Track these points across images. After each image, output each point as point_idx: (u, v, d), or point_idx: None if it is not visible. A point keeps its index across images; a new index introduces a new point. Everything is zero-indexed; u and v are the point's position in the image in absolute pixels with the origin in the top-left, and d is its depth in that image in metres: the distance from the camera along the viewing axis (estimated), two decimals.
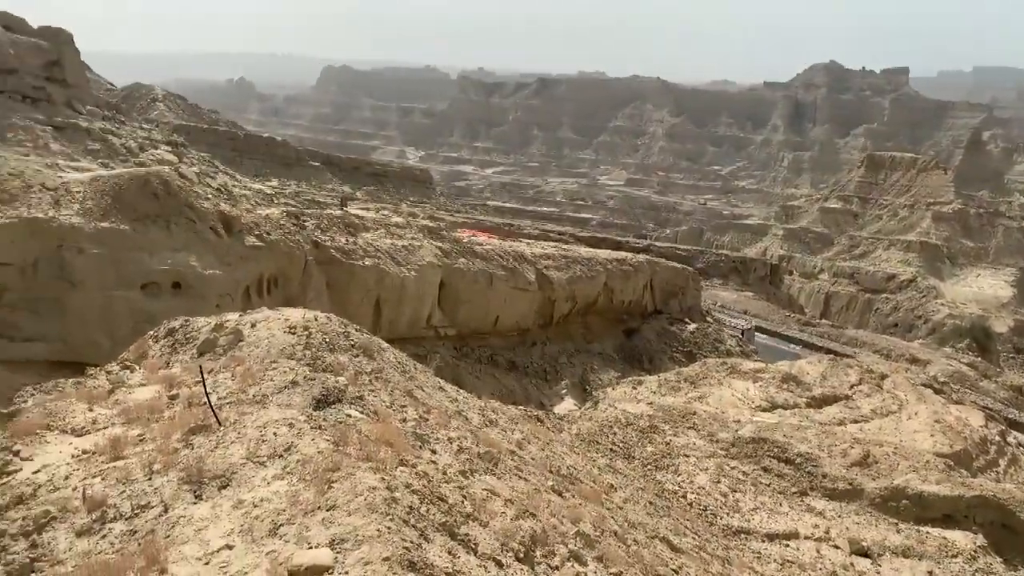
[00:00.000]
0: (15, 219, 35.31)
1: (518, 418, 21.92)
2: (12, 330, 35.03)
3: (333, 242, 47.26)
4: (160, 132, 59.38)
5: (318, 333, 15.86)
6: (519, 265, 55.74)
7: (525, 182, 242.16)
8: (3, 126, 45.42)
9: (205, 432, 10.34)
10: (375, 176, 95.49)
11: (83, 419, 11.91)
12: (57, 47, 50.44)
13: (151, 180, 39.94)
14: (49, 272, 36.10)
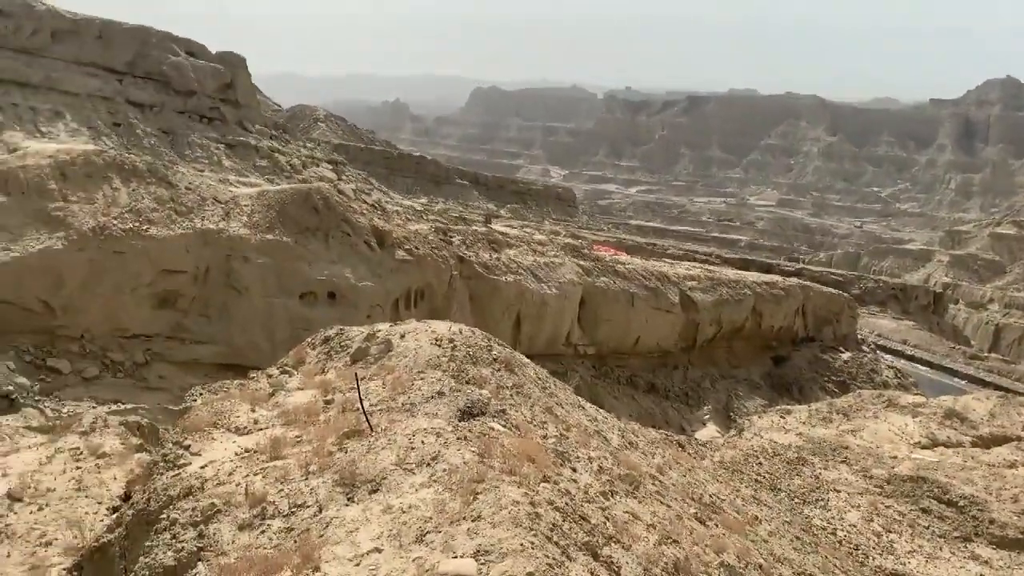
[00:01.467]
0: (190, 230, 38.21)
1: (659, 442, 21.49)
2: (184, 333, 37.84)
3: (477, 257, 48.31)
4: (321, 150, 62.71)
5: (463, 346, 16.17)
6: (662, 285, 54.93)
7: (670, 201, 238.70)
8: (183, 143, 49.37)
9: (358, 437, 10.74)
10: (519, 194, 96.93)
11: (246, 419, 12.62)
12: (232, 71, 54.41)
13: (312, 195, 42.26)
14: (218, 279, 38.80)
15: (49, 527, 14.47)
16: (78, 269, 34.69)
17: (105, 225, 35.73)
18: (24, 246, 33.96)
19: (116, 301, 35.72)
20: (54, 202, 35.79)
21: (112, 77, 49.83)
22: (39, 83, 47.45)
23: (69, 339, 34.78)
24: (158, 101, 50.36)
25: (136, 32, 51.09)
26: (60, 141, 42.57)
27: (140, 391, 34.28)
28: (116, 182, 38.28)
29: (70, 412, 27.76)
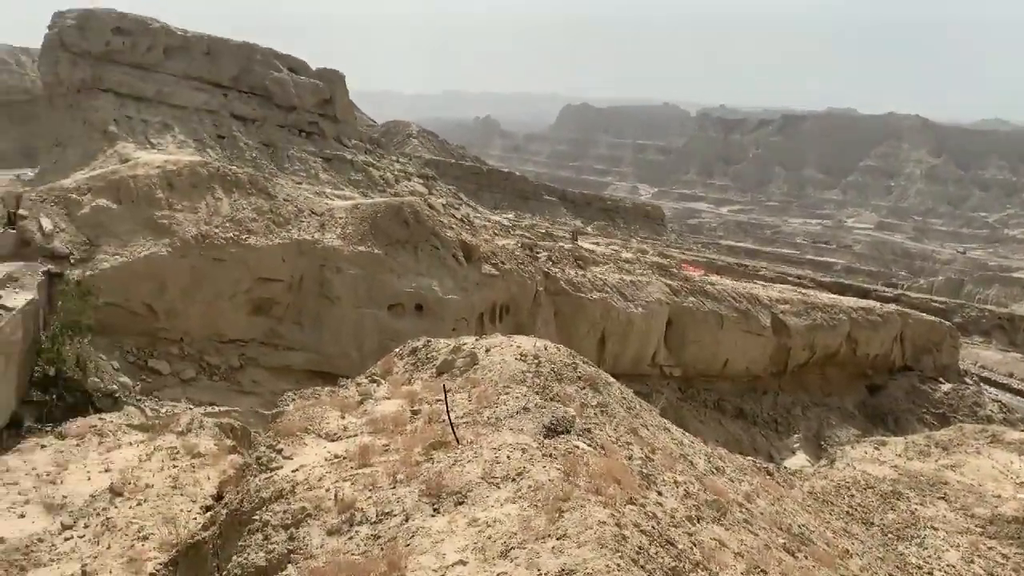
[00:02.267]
0: (287, 240, 39.44)
1: (746, 468, 20.93)
2: (277, 339, 39.00)
3: (563, 274, 48.25)
4: (413, 165, 63.94)
5: (547, 363, 16.13)
6: (753, 308, 53.68)
7: (763, 222, 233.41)
8: (282, 157, 51.06)
9: (444, 448, 10.82)
10: (607, 211, 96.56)
11: (336, 426, 12.88)
12: (331, 87, 56.08)
13: (403, 209, 43.08)
14: (312, 288, 39.90)
15: (147, 522, 15.06)
16: (181, 275, 36.22)
17: (207, 233, 37.23)
18: (132, 252, 35.68)
19: (215, 306, 37.11)
20: (161, 210, 37.52)
21: (218, 91, 52.04)
22: (151, 97, 49.94)
23: (170, 342, 36.29)
24: (260, 115, 52.29)
25: (242, 48, 53.25)
26: (168, 152, 44.66)
27: (234, 394, 35.47)
28: (219, 192, 39.88)
29: (168, 412, 28.91)
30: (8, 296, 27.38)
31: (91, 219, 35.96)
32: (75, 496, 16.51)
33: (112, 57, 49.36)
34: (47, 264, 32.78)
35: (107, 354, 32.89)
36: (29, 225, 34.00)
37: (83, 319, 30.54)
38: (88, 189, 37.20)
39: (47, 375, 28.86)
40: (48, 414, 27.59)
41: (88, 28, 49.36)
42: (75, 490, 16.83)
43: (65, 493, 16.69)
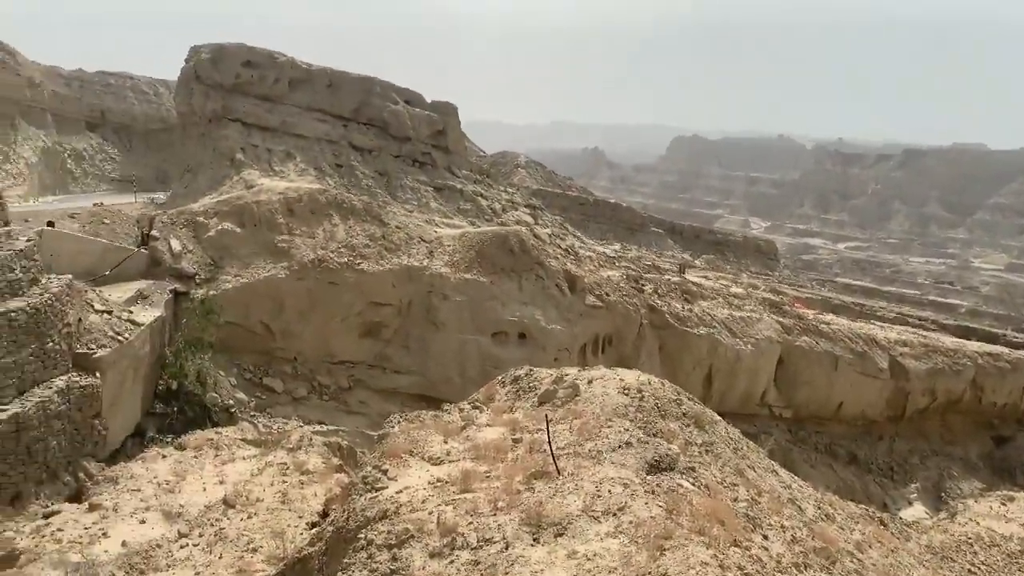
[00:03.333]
0: (397, 266, 40.49)
1: (858, 517, 19.99)
2: (385, 362, 39.95)
3: (669, 307, 47.51)
4: (520, 195, 64.55)
5: (651, 397, 15.91)
6: (870, 349, 51.38)
7: (882, 260, 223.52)
8: (396, 186, 52.57)
9: (545, 479, 10.81)
10: (716, 245, 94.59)
11: (439, 450, 13.07)
12: (444, 119, 57.46)
13: (510, 238, 43.55)
14: (419, 314, 40.74)
15: (256, 535, 15.61)
16: (297, 297, 37.69)
17: (323, 258, 38.66)
18: (252, 273, 37.41)
19: (327, 328, 38.40)
20: (281, 235, 39.24)
21: (338, 122, 54.14)
22: (276, 127, 52.43)
23: (284, 361, 37.73)
24: (377, 145, 54.06)
25: (362, 82, 55.29)
26: (290, 180, 46.71)
27: (342, 414, 36.49)
28: (335, 219, 41.40)
29: (280, 428, 29.98)
30: (139, 312, 29.15)
31: (216, 241, 37.95)
32: (191, 506, 17.31)
33: (241, 89, 52.22)
34: (174, 283, 34.77)
35: (225, 370, 34.47)
36: (160, 246, 36.16)
37: (205, 336, 32.19)
38: (215, 213, 39.31)
39: (170, 388, 30.49)
40: (169, 425, 29.13)
41: (220, 61, 52.42)
42: (191, 500, 17.65)
43: (182, 502, 17.53)
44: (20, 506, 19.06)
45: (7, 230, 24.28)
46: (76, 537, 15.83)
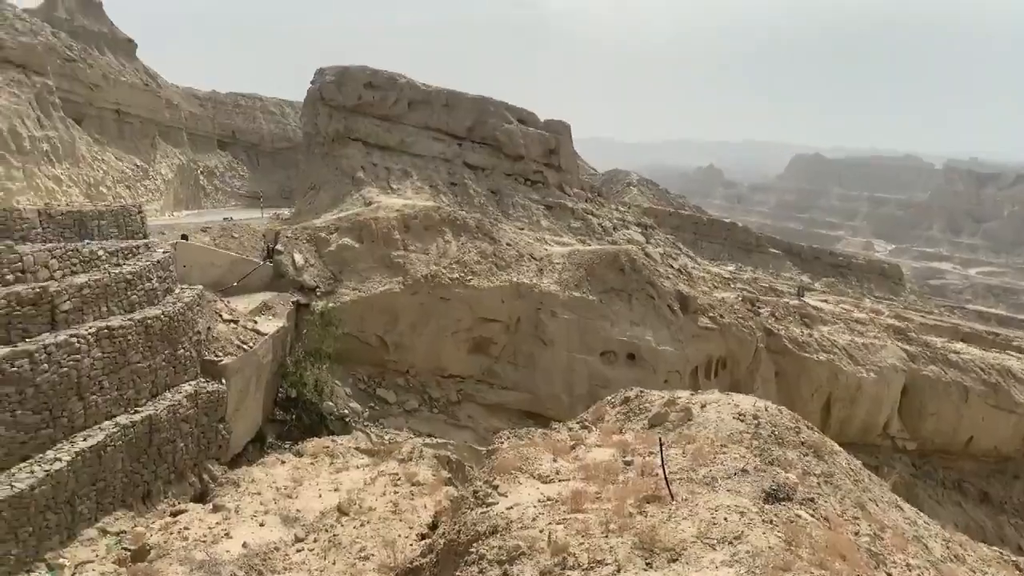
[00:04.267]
0: (507, 283, 40.85)
1: (991, 560, 18.70)
2: (494, 378, 40.29)
3: (787, 331, 46.00)
4: (632, 214, 64.07)
5: (767, 424, 15.42)
6: (1004, 381, 48.17)
7: (1018, 286, 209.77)
8: (508, 203, 53.13)
9: (658, 503, 10.61)
10: (837, 267, 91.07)
11: (548, 468, 13.04)
12: (556, 137, 57.79)
13: (620, 257, 43.24)
14: (528, 331, 40.91)
15: (368, 543, 15.96)
16: (410, 311, 38.55)
17: (436, 273, 39.43)
18: (369, 287, 38.51)
19: (438, 342, 39.08)
20: (397, 250, 40.29)
21: (453, 141, 55.32)
22: (395, 146, 54.04)
23: (396, 373, 38.61)
24: (490, 164, 54.88)
25: (477, 102, 56.33)
26: (406, 197, 47.98)
27: (450, 427, 36.98)
28: (448, 235, 42.18)
29: (392, 439, 30.64)
30: (263, 322, 30.46)
31: (336, 256, 39.32)
32: (307, 511, 17.88)
33: (363, 110, 54.11)
34: (296, 295, 36.21)
35: (341, 381, 35.54)
36: (284, 259, 37.75)
37: (324, 347, 33.31)
38: (335, 229, 40.76)
39: (289, 396, 31.66)
40: (287, 432, 30.23)
41: (344, 83, 54.50)
42: (307, 506, 18.22)
43: (299, 507, 18.12)
44: (150, 503, 20.17)
45: (145, 242, 25.88)
46: (201, 536, 16.61)
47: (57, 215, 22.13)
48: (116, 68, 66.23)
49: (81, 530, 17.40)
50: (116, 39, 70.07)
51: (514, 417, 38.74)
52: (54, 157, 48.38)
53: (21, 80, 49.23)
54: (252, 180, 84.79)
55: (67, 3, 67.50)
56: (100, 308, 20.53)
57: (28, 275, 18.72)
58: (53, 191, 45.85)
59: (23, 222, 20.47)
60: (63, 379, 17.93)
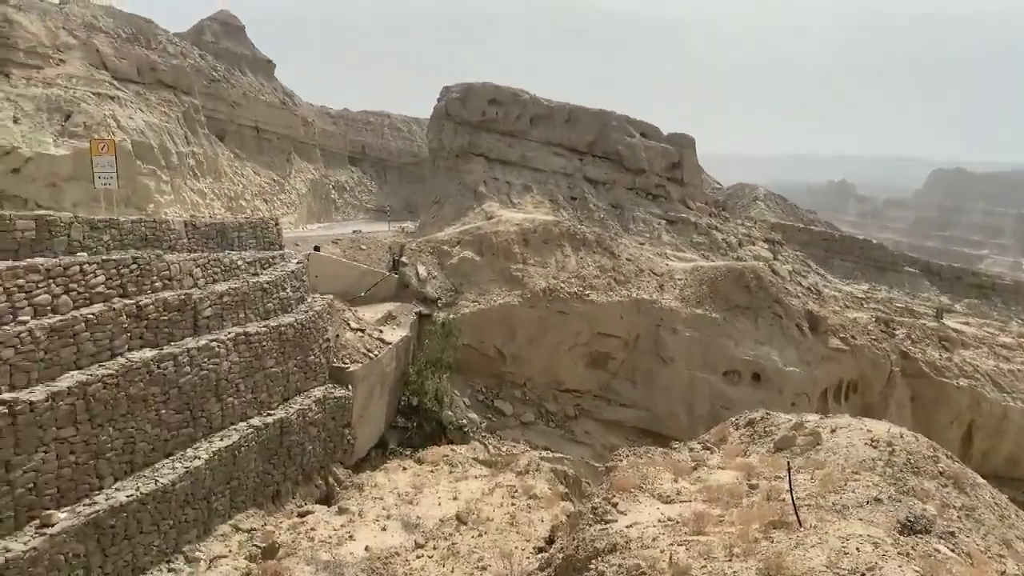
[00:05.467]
0: (626, 298, 40.47)
1: None
2: (611, 394, 39.94)
3: (924, 355, 43.54)
4: (758, 229, 62.29)
5: (902, 452, 14.62)
6: None
7: None
8: (628, 218, 52.71)
9: (785, 529, 10.22)
10: (980, 288, 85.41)
11: (669, 488, 12.79)
12: (680, 151, 56.96)
13: (745, 274, 42.10)
14: (647, 347, 40.37)
15: (485, 553, 16.09)
16: (528, 324, 38.77)
17: (554, 287, 39.53)
18: (489, 300, 39.01)
19: (556, 356, 39.10)
20: (516, 264, 40.66)
21: (574, 156, 55.46)
22: (516, 161, 54.67)
23: (514, 385, 38.86)
24: (611, 178, 54.64)
25: (599, 116, 56.26)
26: (526, 211, 48.40)
27: (567, 442, 36.88)
28: (567, 250, 42.25)
29: (508, 451, 30.83)
30: (388, 332, 31.36)
31: (458, 268, 40.06)
32: (427, 518, 18.21)
33: (486, 126, 55.07)
34: (419, 306, 37.12)
35: (460, 391, 36.09)
36: (408, 271, 38.79)
37: (444, 357, 33.93)
38: (457, 242, 41.56)
39: (410, 404, 32.39)
40: (408, 439, 30.92)
41: (468, 100, 55.65)
42: (427, 513, 18.57)
43: (419, 514, 18.48)
44: (279, 503, 21.05)
45: (281, 253, 27.17)
46: (326, 537, 17.20)
47: (201, 226, 23.53)
48: (256, 87, 69.93)
49: (216, 526, 18.34)
50: (256, 60, 73.99)
51: (631, 435, 38.26)
52: (199, 172, 51.52)
53: (171, 100, 52.74)
54: (380, 194, 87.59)
55: (213, 28, 71.85)
56: (238, 315, 21.66)
57: (174, 282, 19.96)
58: (197, 204, 48.80)
59: (171, 232, 21.87)
60: (203, 381, 18.99)
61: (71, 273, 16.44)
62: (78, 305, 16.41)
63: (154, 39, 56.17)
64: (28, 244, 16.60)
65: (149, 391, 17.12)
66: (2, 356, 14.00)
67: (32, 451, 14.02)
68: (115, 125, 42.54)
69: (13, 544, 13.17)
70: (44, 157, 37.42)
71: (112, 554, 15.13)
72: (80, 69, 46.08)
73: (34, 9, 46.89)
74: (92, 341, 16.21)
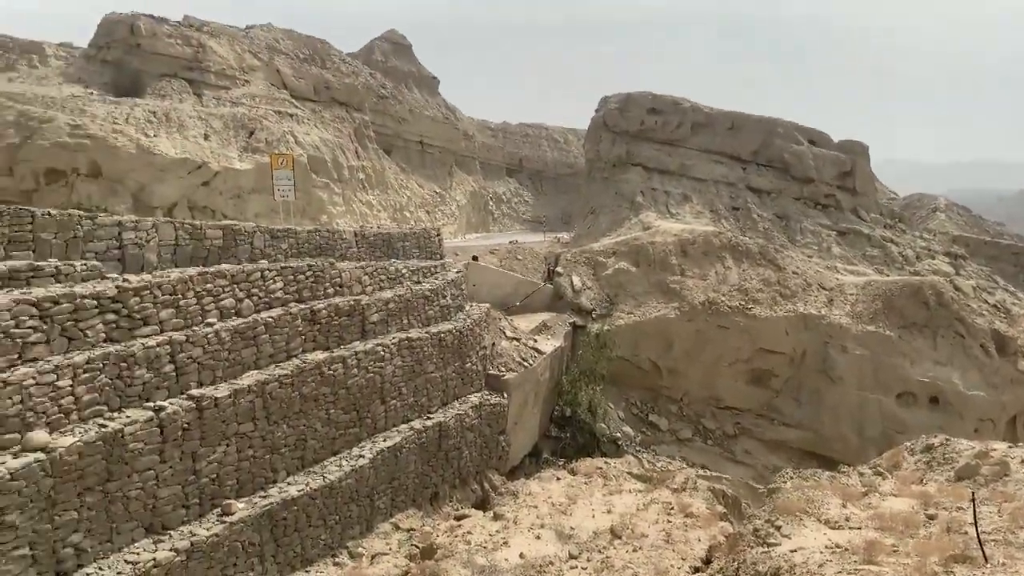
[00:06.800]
0: (792, 313, 38.78)
1: None
2: (773, 412, 38.36)
3: None
4: (938, 242, 58.09)
5: None
6: None
7: None
8: (795, 229, 50.56)
9: (968, 564, 9.41)
10: None
11: (837, 513, 12.10)
12: (852, 158, 54.06)
13: (924, 290, 39.37)
14: (813, 365, 38.50)
15: (640, 569, 15.81)
16: (686, 337, 37.96)
17: (714, 300, 38.50)
18: (644, 312, 38.51)
19: (714, 372, 38.04)
20: (673, 275, 39.94)
21: (737, 165, 53.86)
22: (674, 170, 53.80)
23: (669, 400, 38.13)
24: (776, 187, 52.62)
25: (764, 123, 54.39)
26: (684, 222, 47.47)
27: (725, 461, 35.74)
28: (728, 261, 41.04)
29: (663, 467, 30.25)
30: (542, 341, 31.60)
31: (613, 279, 39.83)
32: (581, 530, 18.13)
33: (644, 135, 54.56)
34: (573, 316, 37.19)
35: (614, 403, 35.81)
36: (563, 281, 38.96)
37: (598, 368, 33.78)
38: (613, 252, 41.33)
39: (563, 415, 32.48)
40: (561, 450, 30.99)
41: (627, 110, 55.35)
42: (581, 524, 18.48)
43: (573, 525, 18.43)
44: (437, 505, 21.62)
45: (442, 262, 28.00)
46: (482, 542, 17.48)
47: (370, 236, 24.64)
48: (421, 103, 72.69)
49: (377, 524, 19.07)
50: (422, 77, 76.94)
51: (795, 456, 36.60)
52: (367, 184, 54.10)
53: (343, 116, 55.76)
54: (536, 205, 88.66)
55: (383, 47, 75.38)
56: (402, 320, 22.51)
57: (345, 289, 21.00)
58: (366, 214, 51.23)
59: (343, 242, 23.04)
60: (369, 383, 19.84)
61: (253, 279, 17.63)
62: (259, 309, 17.56)
63: (329, 59, 59.64)
64: (216, 251, 17.95)
65: (320, 391, 18.06)
66: (192, 355, 15.18)
67: (216, 444, 15.10)
68: (293, 141, 45.46)
69: (198, 529, 14.22)
70: (230, 171, 40.51)
71: (284, 544, 16.04)
72: (262, 89, 49.64)
73: (224, 34, 51.00)
74: (271, 343, 17.31)
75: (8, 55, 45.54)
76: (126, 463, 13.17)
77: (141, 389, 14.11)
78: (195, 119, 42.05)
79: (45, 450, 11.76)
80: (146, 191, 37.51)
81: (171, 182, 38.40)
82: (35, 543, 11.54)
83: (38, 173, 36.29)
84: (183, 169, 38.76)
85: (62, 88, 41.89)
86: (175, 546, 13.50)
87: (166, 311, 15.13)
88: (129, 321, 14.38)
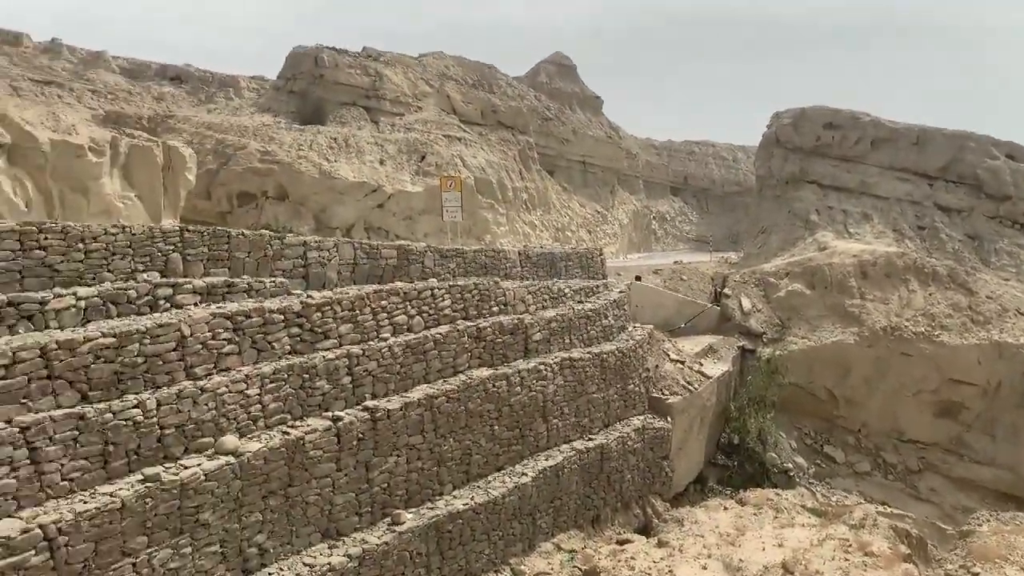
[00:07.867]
0: (986, 341, 35.60)
1: None
2: (964, 448, 35.27)
3: None
4: None
5: None
6: None
7: None
8: (989, 250, 46.57)
9: None
10: None
11: None
12: None
13: None
14: (1010, 398, 35.12)
15: None
16: (865, 365, 35.69)
17: (897, 326, 36.01)
18: (819, 337, 36.57)
19: (896, 402, 35.51)
20: (852, 299, 37.70)
21: (923, 181, 50.30)
22: (853, 188, 51.00)
23: (846, 431, 35.92)
24: (967, 205, 48.70)
25: (955, 137, 50.50)
26: (865, 242, 44.77)
27: (907, 498, 33.19)
28: (913, 284, 38.31)
29: (839, 502, 28.48)
30: (708, 365, 30.65)
31: (785, 302, 38.12)
32: (750, 563, 17.32)
33: (820, 151, 52.15)
34: (742, 340, 35.84)
35: (786, 432, 34.15)
36: (731, 303, 37.69)
37: (768, 395, 32.36)
38: (785, 274, 39.59)
39: (731, 442, 31.30)
40: (728, 478, 29.84)
41: (801, 125, 53.14)
42: (750, 557, 17.66)
43: (742, 557, 17.64)
44: (599, 528, 21.34)
45: (604, 282, 27.82)
46: (645, 568, 17.07)
47: (533, 256, 24.89)
48: (584, 123, 72.99)
49: (539, 543, 19.05)
50: (585, 97, 77.27)
51: (989, 497, 33.49)
52: (530, 205, 54.84)
53: (508, 139, 56.91)
54: (701, 224, 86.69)
55: (548, 69, 76.46)
56: (564, 340, 22.51)
57: (509, 308, 21.28)
58: (528, 234, 51.92)
59: (507, 261, 23.40)
60: (531, 402, 19.94)
61: (424, 296, 18.22)
62: (428, 325, 18.12)
63: (495, 83, 61.19)
64: (391, 270, 18.74)
65: (485, 407, 18.33)
66: (367, 368, 15.83)
67: (387, 454, 15.63)
68: (461, 163, 46.90)
69: (369, 537, 14.74)
70: (403, 194, 42.31)
71: (449, 557, 16.33)
72: (433, 114, 51.62)
73: (399, 63, 53.53)
74: (439, 358, 17.78)
75: (208, 88, 49.95)
76: (306, 469, 13.86)
77: (321, 399, 14.85)
78: (372, 144, 44.29)
79: (235, 454, 12.57)
80: (327, 212, 39.84)
81: (349, 204, 40.63)
82: (225, 541, 12.34)
83: (232, 196, 39.44)
84: (360, 192, 40.91)
85: (254, 117, 45.42)
86: (348, 552, 14.04)
87: (345, 326, 15.88)
88: (311, 335, 15.19)
